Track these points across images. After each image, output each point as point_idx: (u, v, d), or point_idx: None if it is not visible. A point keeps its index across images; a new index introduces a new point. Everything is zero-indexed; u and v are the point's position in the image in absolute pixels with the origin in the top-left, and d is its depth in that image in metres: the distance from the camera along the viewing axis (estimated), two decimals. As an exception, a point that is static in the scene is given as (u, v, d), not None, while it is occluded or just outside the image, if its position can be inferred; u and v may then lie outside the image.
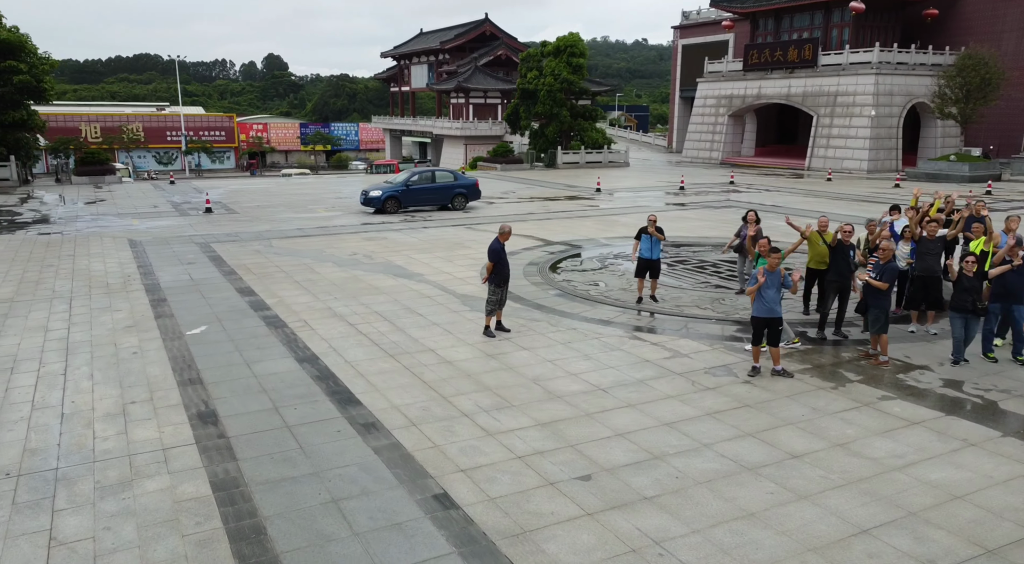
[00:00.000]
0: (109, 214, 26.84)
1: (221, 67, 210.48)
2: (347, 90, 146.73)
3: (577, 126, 55.01)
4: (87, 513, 6.48)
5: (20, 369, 10.15)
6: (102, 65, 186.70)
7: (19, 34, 35.50)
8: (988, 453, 7.85)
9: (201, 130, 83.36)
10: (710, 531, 6.31)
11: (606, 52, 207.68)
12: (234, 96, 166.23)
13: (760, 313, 9.97)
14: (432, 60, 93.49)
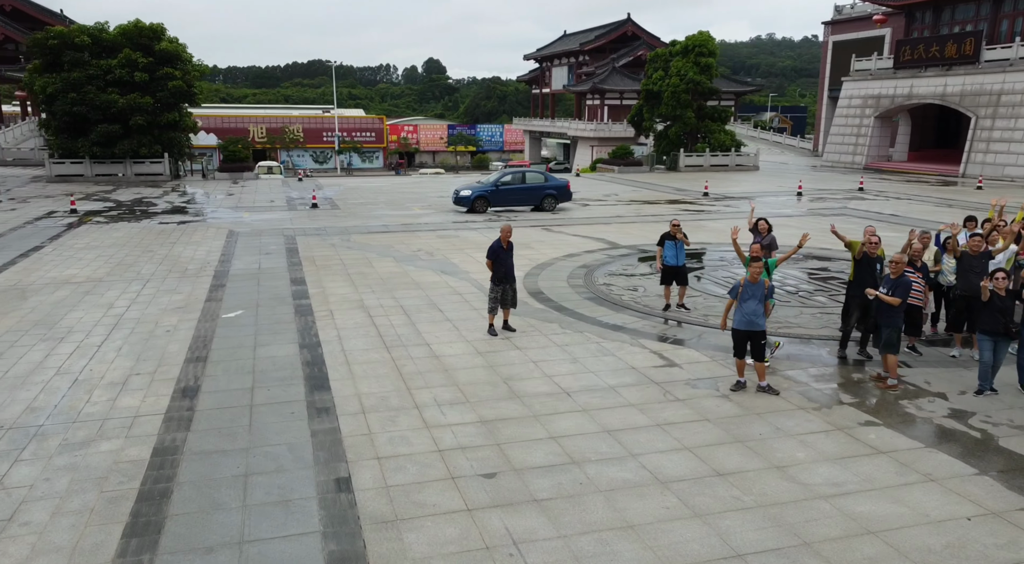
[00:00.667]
0: (228, 207, 29.43)
1: (385, 72, 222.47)
2: (497, 92, 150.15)
3: (704, 128, 53.48)
4: (40, 465, 7.42)
5: (68, 340, 11.58)
6: (280, 71, 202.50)
7: (177, 45, 39.55)
8: (944, 491, 7.15)
9: (354, 131, 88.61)
10: (576, 538, 6.25)
11: (770, 50, 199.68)
12: (393, 99, 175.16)
13: (740, 325, 9.53)
14: (572, 62, 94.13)
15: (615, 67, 79.03)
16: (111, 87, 37.27)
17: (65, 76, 36.80)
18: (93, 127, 37.80)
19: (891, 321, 9.85)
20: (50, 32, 37.44)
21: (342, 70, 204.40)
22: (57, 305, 13.59)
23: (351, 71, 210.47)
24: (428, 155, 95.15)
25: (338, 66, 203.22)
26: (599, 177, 48.58)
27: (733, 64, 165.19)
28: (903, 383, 10.04)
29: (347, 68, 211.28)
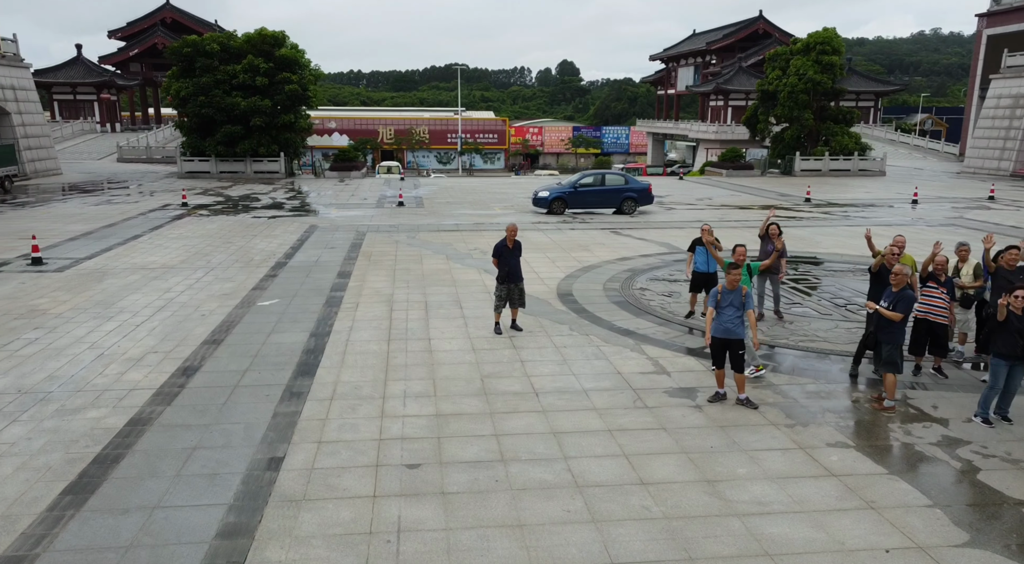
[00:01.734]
0: (322, 203, 31.10)
1: (519, 74, 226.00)
2: (628, 94, 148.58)
3: (825, 130, 50.73)
4: (30, 426, 8.36)
5: (114, 319, 12.82)
6: (419, 74, 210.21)
7: (296, 50, 42.13)
8: (879, 521, 6.65)
9: (476, 133, 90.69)
10: (460, 532, 6.36)
11: (934, 46, 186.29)
12: (524, 101, 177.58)
13: (717, 333, 9.19)
14: (698, 62, 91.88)
15: (741, 67, 76.35)
16: (235, 91, 40.26)
17: (196, 81, 40.15)
18: (219, 128, 41.00)
19: (891, 337, 9.20)
20: (186, 40, 40.95)
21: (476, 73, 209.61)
22: (123, 288, 15.03)
23: (485, 74, 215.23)
24: (552, 157, 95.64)
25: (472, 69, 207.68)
26: (703, 181, 47.24)
27: (889, 62, 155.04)
28: (908, 406, 9.34)
29: (481, 71, 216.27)
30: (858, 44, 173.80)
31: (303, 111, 43.98)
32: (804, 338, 12.19)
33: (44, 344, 11.35)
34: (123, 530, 6.29)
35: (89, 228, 22.93)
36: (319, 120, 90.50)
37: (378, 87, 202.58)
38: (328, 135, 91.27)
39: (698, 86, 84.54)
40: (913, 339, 10.51)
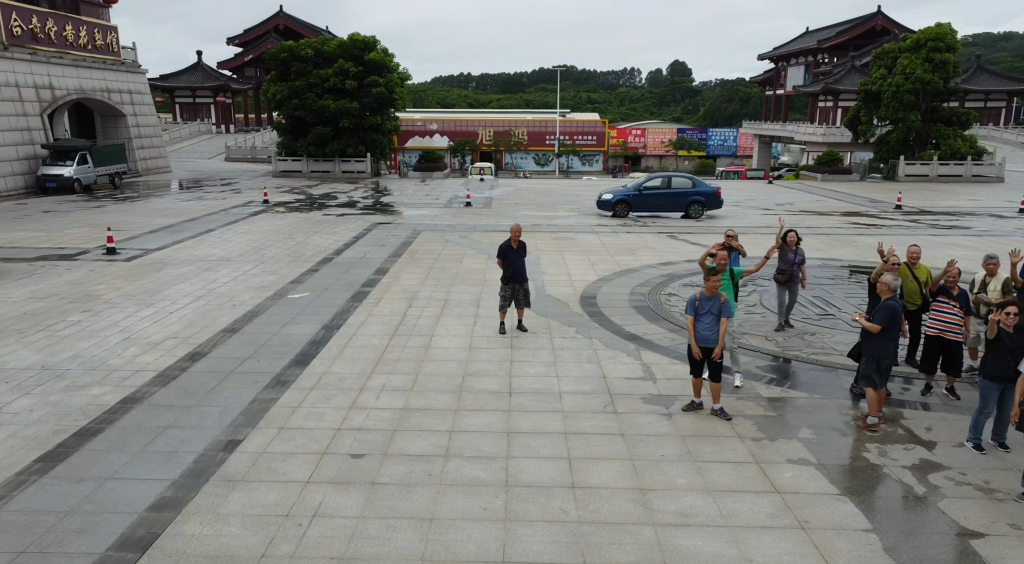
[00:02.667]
0: (392, 203, 32.05)
1: (628, 75, 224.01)
2: (740, 95, 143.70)
3: (935, 132, 47.62)
4: (37, 399, 9.21)
5: (154, 306, 13.81)
6: (526, 76, 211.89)
7: (384, 55, 43.58)
8: (802, 541, 6.36)
9: (575, 135, 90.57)
10: (370, 520, 6.56)
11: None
12: (632, 102, 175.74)
13: (696, 342, 8.95)
14: (809, 60, 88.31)
15: (854, 65, 72.63)
16: (327, 94, 42.09)
17: (291, 84, 42.26)
18: (310, 129, 42.99)
19: (871, 350, 8.71)
20: (283, 46, 43.18)
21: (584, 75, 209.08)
22: (174, 278, 16.13)
23: (593, 76, 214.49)
24: (654, 159, 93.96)
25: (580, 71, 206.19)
26: (794, 185, 45.38)
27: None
28: (900, 426, 8.81)
29: (589, 73, 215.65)
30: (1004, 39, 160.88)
31: (391, 113, 45.39)
32: (819, 351, 11.65)
33: (83, 326, 12.39)
34: (71, 497, 6.87)
35: (172, 222, 24.67)
36: (421, 121, 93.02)
37: (486, 89, 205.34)
38: (430, 136, 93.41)
39: (806, 86, 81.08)
40: (924, 357, 9.88)
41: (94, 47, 38.73)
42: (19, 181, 31.93)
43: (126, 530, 6.34)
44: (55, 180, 31.91)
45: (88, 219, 24.91)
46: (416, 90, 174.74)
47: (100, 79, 39.01)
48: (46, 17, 35.11)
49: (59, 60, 35.63)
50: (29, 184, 32.20)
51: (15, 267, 17.12)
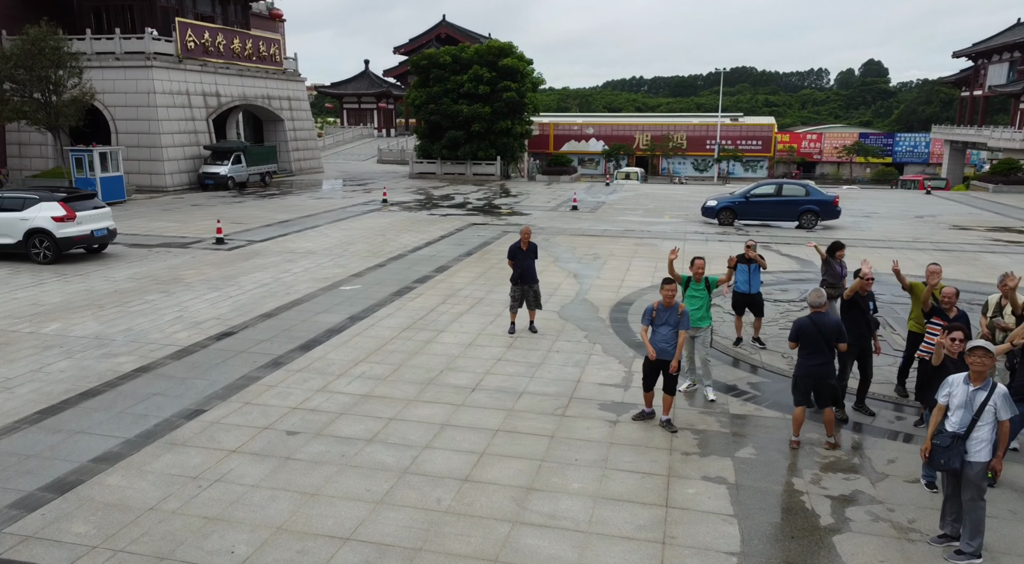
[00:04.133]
0: (506, 204, 32.84)
1: (814, 77, 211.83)
2: (940, 96, 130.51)
3: None
4: (74, 361, 10.73)
5: (222, 290, 15.38)
6: (701, 79, 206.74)
7: (518, 60, 44.64)
8: (654, 556, 6.21)
9: (738, 140, 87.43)
10: (261, 489, 7.17)
11: None
12: (814, 105, 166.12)
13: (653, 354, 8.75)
14: (1016, 56, 79.28)
15: (1074, 61, 64.23)
16: (462, 99, 43.85)
17: (428, 90, 44.45)
18: (444, 133, 44.96)
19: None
20: (423, 54, 45.50)
21: (764, 76, 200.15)
22: (255, 267, 17.80)
23: (774, 77, 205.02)
24: (830, 166, 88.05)
25: (760, 72, 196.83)
26: (957, 196, 41.16)
27: None
28: (861, 454, 8.19)
29: (769, 74, 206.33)
30: None
31: (526, 118, 46.37)
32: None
33: (151, 305, 14.12)
34: (40, 444, 8.08)
35: (290, 217, 26.98)
36: (578, 126, 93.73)
37: (658, 93, 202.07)
38: (585, 141, 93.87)
39: (1008, 84, 72.62)
40: (918, 383, 9.04)
41: (258, 58, 42.92)
42: (184, 178, 36.15)
43: (62, 475, 7.39)
44: (212, 178, 35.80)
45: (223, 212, 27.83)
46: (583, 94, 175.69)
47: (262, 87, 43.16)
48: (216, 32, 39.43)
49: (225, 70, 39.88)
50: (192, 181, 36.36)
51: (134, 252, 19.64)
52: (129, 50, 34.96)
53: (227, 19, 43.40)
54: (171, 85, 35.74)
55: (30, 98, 28.74)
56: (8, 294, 14.82)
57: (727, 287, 12.43)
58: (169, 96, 35.55)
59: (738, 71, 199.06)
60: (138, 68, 34.78)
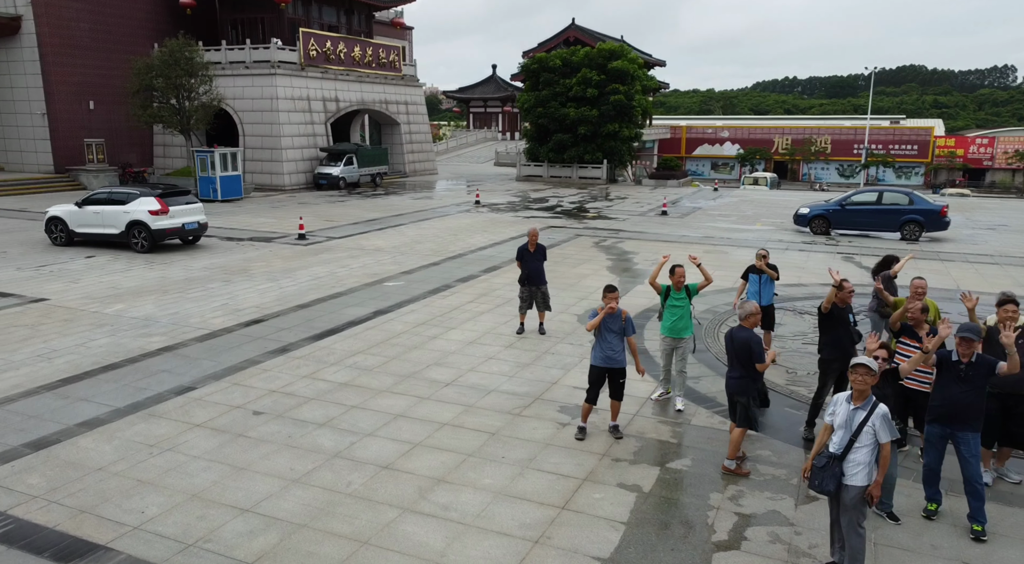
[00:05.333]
0: (598, 207, 32.72)
1: (998, 74, 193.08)
2: None
3: None
4: (114, 339, 12.04)
5: (278, 281, 16.56)
6: (862, 79, 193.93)
7: (628, 62, 44.24)
8: (515, 552, 6.30)
9: (890, 144, 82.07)
10: (201, 460, 7.87)
11: None
12: (993, 106, 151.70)
13: (598, 362, 8.63)
14: None
15: None
16: (570, 102, 44.08)
17: (537, 94, 45.02)
18: (551, 136, 45.35)
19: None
20: (534, 58, 46.11)
21: (935, 75, 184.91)
22: (319, 261, 18.98)
23: (947, 76, 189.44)
24: (1003, 173, 79.53)
25: (931, 71, 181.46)
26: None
27: None
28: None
29: (942, 73, 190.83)
30: None
31: (636, 119, 45.84)
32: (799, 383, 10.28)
33: (207, 292, 15.48)
34: (46, 408, 9.23)
35: (379, 216, 28.36)
36: (712, 129, 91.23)
37: (812, 94, 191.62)
38: (720, 144, 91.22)
39: None
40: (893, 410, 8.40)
41: (377, 65, 45.20)
42: (301, 178, 38.77)
43: (47, 435, 8.44)
44: (325, 178, 38.15)
45: (322, 211, 29.67)
46: (728, 96, 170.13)
47: (380, 92, 45.42)
48: (338, 41, 41.96)
49: (345, 77, 42.34)
50: (308, 181, 38.92)
51: (224, 244, 21.46)
52: (257, 59, 37.95)
53: (351, 28, 46.00)
54: (292, 91, 38.43)
55: (166, 104, 31.93)
56: (96, 277, 16.73)
57: (736, 299, 12.04)
58: (290, 101, 38.25)
59: (905, 70, 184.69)
60: (263, 75, 37.68)
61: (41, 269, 17.56)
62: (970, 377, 6.71)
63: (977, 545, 6.53)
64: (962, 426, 6.77)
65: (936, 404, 6.91)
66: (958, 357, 6.78)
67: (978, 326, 7.15)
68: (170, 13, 40.18)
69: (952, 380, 6.78)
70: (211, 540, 6.40)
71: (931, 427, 6.95)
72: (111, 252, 19.85)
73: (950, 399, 6.76)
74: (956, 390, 6.73)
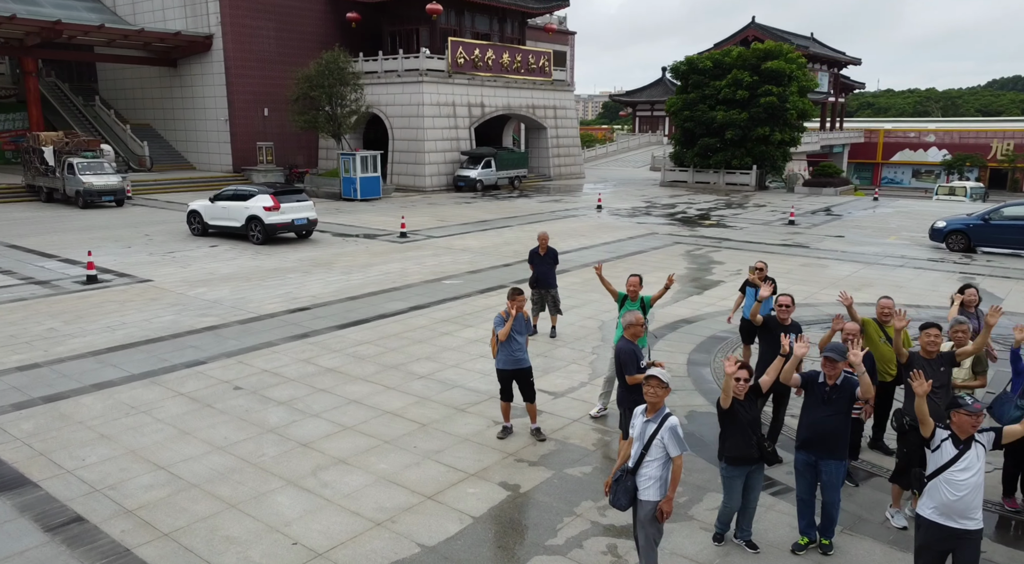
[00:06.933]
0: (722, 215, 31.45)
1: None
2: None
3: None
4: (177, 317, 13.78)
5: (347, 274, 17.90)
6: None
7: (789, 63, 41.83)
8: (350, 522, 6.74)
9: None
10: (146, 415, 9.04)
11: None
12: None
13: (506, 365, 8.73)
14: None
15: None
16: (719, 105, 42.56)
17: (684, 96, 43.93)
18: (697, 140, 44.01)
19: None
20: (684, 60, 44.99)
21: None
22: (398, 258, 20.17)
23: None
24: None
25: None
26: None
27: None
28: (699, 501, 7.54)
29: None
30: None
31: (791, 121, 43.26)
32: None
33: (283, 281, 17.11)
34: (79, 370, 10.92)
35: (492, 218, 29.31)
36: (915, 133, 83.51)
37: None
38: (923, 149, 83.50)
39: None
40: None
41: (526, 70, 46.40)
42: (442, 180, 40.83)
43: (63, 391, 10.05)
44: (464, 180, 39.90)
45: (442, 211, 31.18)
46: (951, 96, 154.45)
47: (527, 97, 46.58)
48: (487, 49, 43.63)
49: (492, 82, 43.93)
50: (448, 183, 40.89)
51: (330, 239, 23.39)
52: (408, 68, 40.49)
53: (503, 36, 47.57)
54: (438, 97, 40.57)
55: (321, 111, 35.10)
56: (203, 264, 19.04)
57: (732, 313, 11.48)
58: (435, 107, 40.42)
59: None
60: (412, 83, 40.13)
61: (167, 255, 20.27)
62: (834, 400, 6.27)
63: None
64: (826, 454, 6.33)
65: (802, 428, 6.47)
66: (824, 379, 6.34)
67: (844, 347, 6.51)
68: (339, 27, 43.93)
69: (817, 402, 6.38)
70: (115, 488, 7.43)
71: (798, 454, 6.49)
72: (232, 243, 22.38)
73: (813, 422, 6.34)
74: (819, 413, 6.32)
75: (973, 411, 5.28)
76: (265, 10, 41.16)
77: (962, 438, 5.32)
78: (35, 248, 20.85)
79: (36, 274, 17.52)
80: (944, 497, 5.29)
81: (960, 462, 5.29)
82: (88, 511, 7.00)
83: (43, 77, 44.02)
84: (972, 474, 5.29)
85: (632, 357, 7.52)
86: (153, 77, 44.24)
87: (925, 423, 5.49)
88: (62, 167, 30.22)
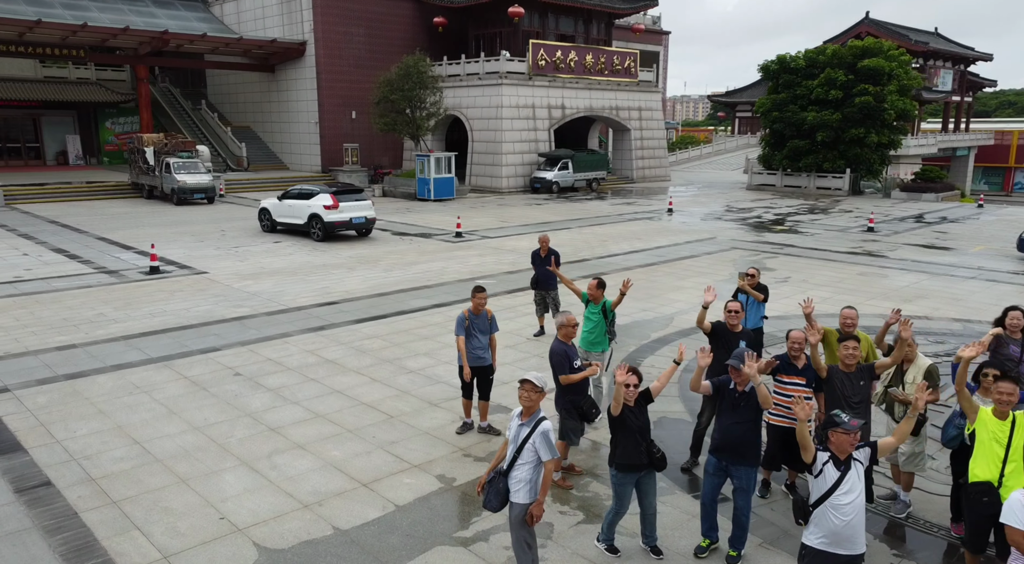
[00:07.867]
0: (798, 221, 30.19)
1: None
2: None
3: None
4: (213, 306, 14.74)
5: (388, 272, 18.50)
6: None
7: (889, 61, 39.62)
8: (283, 502, 7.14)
9: None
10: (147, 389, 9.80)
11: None
12: None
13: (469, 362, 8.99)
14: None
15: None
16: (811, 106, 40.82)
17: (774, 97, 42.40)
18: (787, 142, 42.34)
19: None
20: (776, 59, 43.38)
21: None
22: (446, 258, 20.64)
23: None
24: None
25: None
26: None
27: None
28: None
29: None
30: None
31: (890, 121, 40.90)
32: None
33: (325, 276, 17.91)
34: (107, 351, 11.91)
35: (555, 219, 29.39)
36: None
37: None
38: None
39: None
40: (767, 451, 7.55)
41: (611, 72, 46.09)
42: (519, 181, 41.21)
43: (84, 370, 11.01)
44: (540, 182, 40.13)
45: (509, 212, 31.51)
46: None
47: (610, 99, 46.26)
48: (569, 50, 43.68)
49: (574, 84, 43.93)
50: (525, 185, 41.23)
51: (387, 237, 24.18)
52: (489, 70, 41.12)
53: (588, 37, 47.45)
54: (517, 99, 40.97)
55: (401, 113, 36.24)
56: (259, 259, 20.16)
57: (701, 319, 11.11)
58: (514, 109, 40.84)
59: None
60: (491, 86, 40.73)
61: (232, 249, 21.59)
62: (742, 407, 6.18)
63: (709, 600, 5.88)
64: (737, 460, 6.26)
65: (715, 433, 6.43)
66: (734, 385, 6.26)
67: (743, 353, 6.29)
68: (426, 32, 45.15)
69: (727, 408, 6.32)
70: (90, 458, 8.15)
71: (709, 457, 6.42)
72: (295, 239, 23.55)
73: (724, 428, 6.29)
74: (729, 419, 6.28)
75: (850, 429, 5.08)
76: (355, 17, 42.85)
77: (842, 458, 5.11)
78: (119, 241, 22.69)
79: (109, 264, 19.11)
80: (831, 524, 5.10)
81: (843, 485, 5.10)
82: (57, 477, 7.72)
83: (157, 83, 47.66)
84: (856, 496, 5.09)
85: (564, 358, 7.56)
86: (253, 82, 46.95)
87: (806, 448, 5.28)
88: (161, 166, 32.65)
